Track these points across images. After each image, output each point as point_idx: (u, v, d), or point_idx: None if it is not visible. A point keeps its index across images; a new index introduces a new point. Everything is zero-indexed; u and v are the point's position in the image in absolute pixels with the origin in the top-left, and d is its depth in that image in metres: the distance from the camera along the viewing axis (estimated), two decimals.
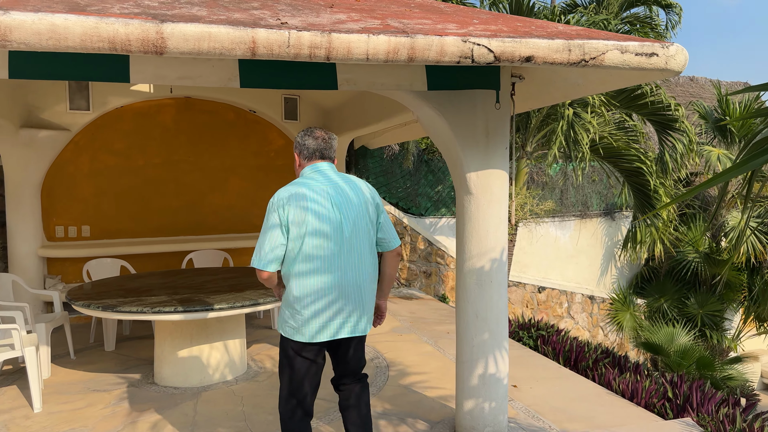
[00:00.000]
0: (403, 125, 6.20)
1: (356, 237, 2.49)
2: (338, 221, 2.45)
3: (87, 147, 6.54)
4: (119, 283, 4.82)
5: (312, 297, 2.42)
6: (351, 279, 2.47)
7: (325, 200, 2.46)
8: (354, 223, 2.49)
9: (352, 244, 2.47)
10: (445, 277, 9.30)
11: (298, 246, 2.41)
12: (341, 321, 2.48)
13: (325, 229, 2.42)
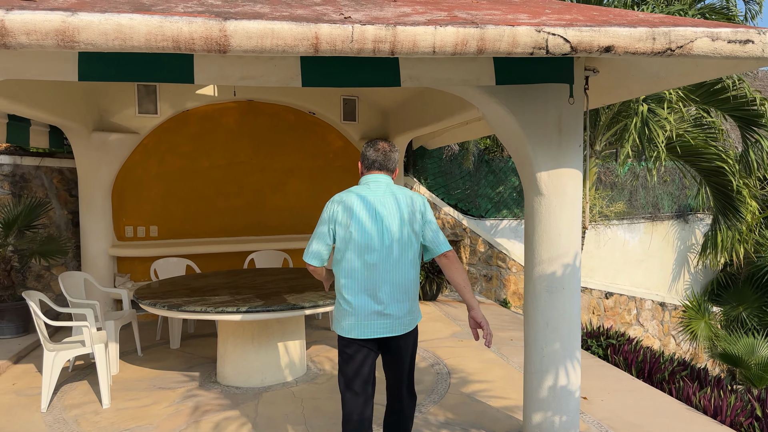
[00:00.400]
0: (465, 124, 6.03)
1: (397, 246, 2.65)
2: (380, 230, 2.64)
3: (155, 150, 6.74)
4: (184, 282, 4.91)
5: (353, 296, 2.63)
6: (389, 284, 2.63)
7: (370, 209, 2.66)
8: (395, 233, 2.65)
9: (392, 253, 2.64)
10: (507, 281, 9.02)
11: (343, 248, 2.65)
12: (384, 322, 2.64)
13: (367, 236, 2.62)
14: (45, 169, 6.40)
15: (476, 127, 6.06)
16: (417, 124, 6.24)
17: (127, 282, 6.51)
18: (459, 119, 5.17)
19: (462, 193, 9.01)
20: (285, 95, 6.91)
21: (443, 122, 5.45)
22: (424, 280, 7.73)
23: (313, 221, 7.53)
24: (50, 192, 6.41)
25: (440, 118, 5.35)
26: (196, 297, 4.23)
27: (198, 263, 6.78)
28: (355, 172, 7.72)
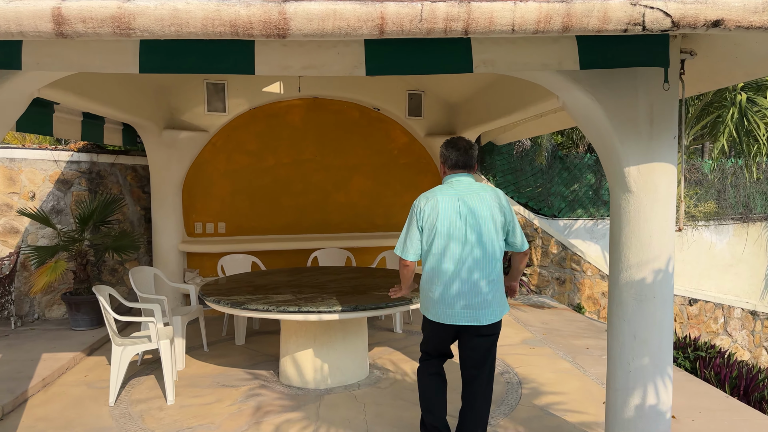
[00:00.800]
0: (538, 117, 5.68)
1: (478, 242, 2.82)
2: (462, 227, 2.83)
3: (223, 147, 6.81)
4: (248, 279, 4.87)
5: (439, 287, 2.87)
6: (470, 277, 2.82)
7: (455, 208, 2.85)
8: (476, 229, 2.83)
9: (473, 248, 2.82)
10: (581, 285, 8.53)
11: (429, 244, 2.89)
12: (460, 311, 2.84)
13: (449, 233, 2.83)
14: (119, 167, 6.60)
15: (551, 120, 5.70)
16: (486, 118, 5.95)
17: (196, 277, 6.61)
18: (533, 111, 4.85)
19: (533, 191, 8.59)
20: (349, 91, 6.79)
21: (515, 115, 5.14)
22: None
23: (377, 219, 7.38)
24: (124, 188, 6.61)
25: (512, 110, 5.05)
26: (259, 295, 4.16)
27: (263, 260, 6.78)
28: (420, 168, 7.51)
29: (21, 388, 4.14)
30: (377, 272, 5.20)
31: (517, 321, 6.68)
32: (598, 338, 6.04)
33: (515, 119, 5.52)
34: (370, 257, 7.28)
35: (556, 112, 5.21)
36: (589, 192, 8.88)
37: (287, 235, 7.04)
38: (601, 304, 8.66)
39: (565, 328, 6.47)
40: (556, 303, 7.89)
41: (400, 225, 7.48)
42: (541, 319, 6.85)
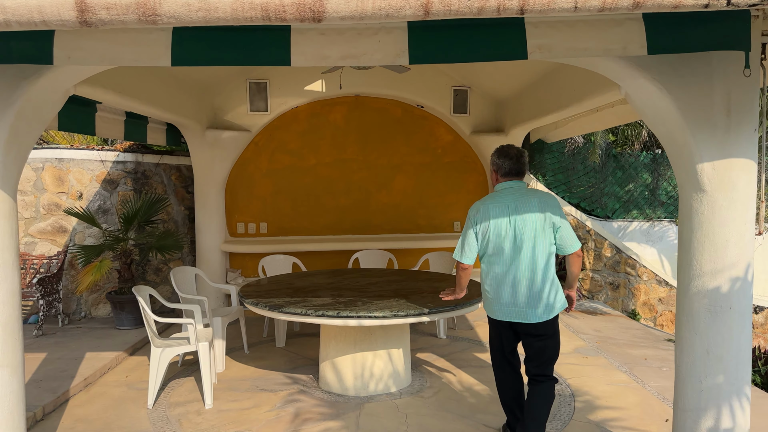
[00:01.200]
0: (594, 112, 5.35)
1: (528, 244, 2.98)
2: (511, 231, 3.01)
3: (265, 147, 6.75)
4: (289, 281, 4.76)
5: (492, 287, 3.11)
6: (521, 277, 3.00)
7: (503, 214, 3.04)
8: (526, 233, 2.99)
9: (524, 250, 2.98)
10: (636, 290, 8.07)
11: (483, 248, 3.12)
12: (509, 309, 3.06)
13: (501, 237, 3.03)
14: (164, 167, 6.63)
15: (607, 115, 5.35)
16: (536, 114, 5.67)
17: (237, 277, 6.57)
18: (588, 106, 4.54)
19: (585, 191, 8.20)
20: (392, 88, 6.62)
21: (568, 110, 4.84)
22: None
23: (420, 220, 7.18)
24: (168, 188, 6.64)
25: (565, 105, 4.75)
26: (298, 298, 4.03)
27: (304, 261, 6.68)
28: (465, 168, 7.26)
29: (63, 388, 4.15)
30: (420, 275, 4.99)
31: (569, 328, 6.34)
32: (656, 348, 5.65)
33: (568, 114, 5.21)
34: (412, 259, 7.08)
35: (613, 106, 4.87)
36: (645, 192, 8.41)
37: (328, 236, 6.93)
38: (658, 310, 8.18)
39: (620, 337, 6.09)
40: (609, 309, 7.48)
41: (444, 226, 7.25)
42: (594, 327, 6.49)
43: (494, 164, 3.18)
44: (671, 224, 8.50)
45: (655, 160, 8.42)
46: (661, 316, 8.20)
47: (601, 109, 5.15)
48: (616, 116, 5.31)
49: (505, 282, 3.02)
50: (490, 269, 3.08)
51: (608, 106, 4.96)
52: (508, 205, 3.03)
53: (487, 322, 3.35)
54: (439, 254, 6.20)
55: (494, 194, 3.13)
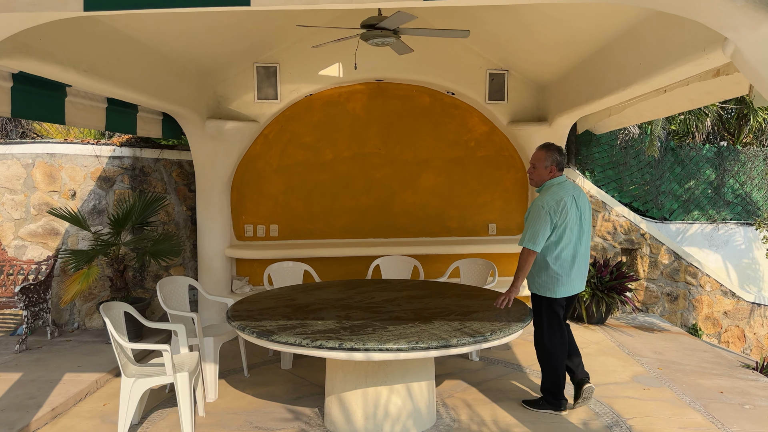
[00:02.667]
0: (659, 93, 4.45)
1: (586, 232, 3.70)
2: (578, 218, 3.65)
3: (276, 140, 6.06)
4: (291, 295, 4.04)
5: (564, 268, 3.63)
6: (585, 255, 3.73)
7: (573, 205, 3.63)
8: (584, 222, 3.69)
9: (583, 237, 3.68)
10: (698, 303, 7.07)
11: (558, 236, 3.59)
12: (581, 282, 3.75)
13: (573, 223, 3.62)
14: (164, 162, 6.01)
15: (676, 97, 4.44)
16: (587, 98, 4.80)
17: (245, 286, 5.91)
18: (654, 84, 3.67)
19: (639, 189, 7.23)
20: (418, 72, 5.82)
21: (629, 91, 3.97)
22: (590, 299, 6.18)
23: (450, 222, 6.36)
24: (169, 186, 6.01)
25: (625, 84, 3.88)
26: (296, 320, 3.30)
27: (318, 268, 5.96)
28: (500, 162, 6.41)
29: (23, 421, 3.52)
30: (447, 289, 4.20)
31: (623, 348, 5.44)
32: (732, 377, 4.71)
33: (628, 96, 4.33)
34: (441, 266, 6.28)
35: (688, 83, 3.97)
36: (707, 190, 7.39)
37: (346, 240, 6.19)
38: (723, 325, 7.15)
39: (686, 360, 5.16)
40: (668, 324, 6.52)
41: (477, 229, 6.42)
42: (653, 347, 5.57)
43: (555, 161, 3.68)
44: (738, 227, 7.46)
45: (720, 153, 7.39)
46: (726, 332, 7.18)
47: (671, 89, 4.24)
48: (687, 98, 4.39)
49: (576, 262, 3.64)
50: (561, 253, 3.60)
51: (681, 84, 4.07)
52: (573, 196, 3.64)
53: (546, 311, 3.74)
54: (471, 261, 5.38)
55: (560, 188, 3.65)
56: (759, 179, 7.38)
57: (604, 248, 6.94)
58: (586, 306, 6.26)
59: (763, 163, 7.40)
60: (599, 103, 4.61)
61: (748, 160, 7.40)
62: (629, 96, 4.24)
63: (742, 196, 7.40)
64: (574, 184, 3.72)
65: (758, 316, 7.15)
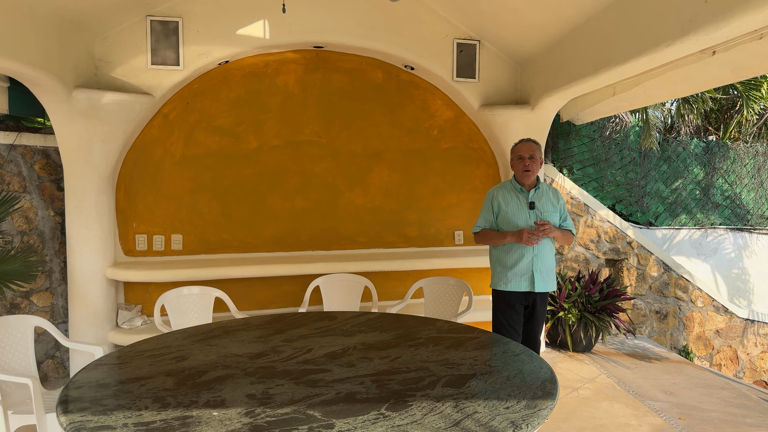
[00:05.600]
0: (673, 67, 3.35)
1: None
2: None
3: (180, 122, 4.57)
4: (181, 350, 2.61)
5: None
6: None
7: None
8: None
9: None
10: (689, 321, 6.14)
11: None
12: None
13: None
14: (23, 150, 4.38)
15: (697, 72, 3.34)
16: (577, 75, 3.70)
17: (135, 318, 4.38)
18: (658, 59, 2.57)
19: (623, 189, 6.22)
20: (369, 38, 4.52)
21: (658, 55, 2.83)
22: (577, 323, 5.06)
23: (409, 229, 5.08)
24: (30, 183, 4.39)
25: (651, 46, 2.73)
26: (174, 411, 1.89)
27: (237, 293, 4.53)
28: (469, 156, 5.22)
29: None
30: (417, 328, 2.89)
31: (626, 388, 4.34)
32: (765, 417, 3.69)
33: (651, 65, 3.20)
34: (399, 286, 4.99)
35: (713, 52, 2.88)
36: (695, 191, 6.50)
37: (276, 253, 4.78)
38: (714, 346, 6.26)
39: (706, 403, 4.11)
40: (662, 350, 5.52)
41: (441, 237, 5.17)
42: (659, 383, 4.50)
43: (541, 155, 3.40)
44: (728, 232, 6.60)
45: (709, 149, 6.52)
46: (718, 353, 6.28)
47: (678, 65, 3.15)
48: (710, 75, 3.29)
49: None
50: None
51: (705, 53, 2.98)
52: None
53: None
54: (440, 281, 4.13)
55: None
56: (748, 179, 6.57)
57: (587, 259, 5.87)
58: (573, 331, 5.13)
59: (753, 161, 6.60)
60: (585, 84, 3.50)
61: (738, 157, 6.58)
62: (655, 63, 3.09)
63: (732, 198, 6.57)
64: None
65: (751, 334, 6.31)
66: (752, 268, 6.60)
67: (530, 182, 3.36)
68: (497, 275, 3.43)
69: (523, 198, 3.37)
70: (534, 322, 3.47)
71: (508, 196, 3.40)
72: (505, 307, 3.41)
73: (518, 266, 3.32)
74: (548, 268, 3.39)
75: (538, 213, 3.34)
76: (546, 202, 3.39)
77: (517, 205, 3.36)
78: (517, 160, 3.35)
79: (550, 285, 3.41)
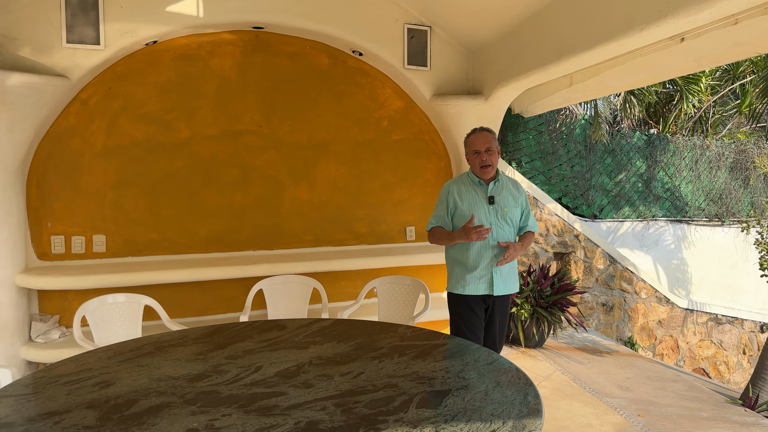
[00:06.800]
0: (637, 56, 3.25)
1: None
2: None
3: (102, 108, 4.06)
4: (104, 374, 2.22)
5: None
6: None
7: None
8: None
9: None
10: (633, 312, 6.21)
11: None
12: None
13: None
14: None
15: (660, 60, 3.26)
16: (538, 63, 3.56)
17: (52, 330, 3.87)
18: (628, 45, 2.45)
19: (569, 183, 6.21)
20: (314, 19, 4.19)
21: (596, 51, 2.73)
22: (529, 318, 4.97)
23: (359, 226, 4.80)
24: None
25: (593, 43, 2.62)
26: None
27: (169, 301, 4.10)
28: (421, 148, 5.00)
29: None
30: (377, 335, 2.62)
31: (582, 384, 4.26)
32: (729, 420, 3.70)
33: (604, 57, 3.09)
34: (350, 286, 4.71)
35: (682, 39, 2.79)
36: (638, 184, 6.58)
37: (213, 254, 4.37)
38: (657, 336, 6.38)
39: (661, 398, 4.10)
40: (611, 343, 5.53)
41: (392, 234, 4.93)
42: (614, 378, 4.47)
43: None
44: (668, 224, 6.75)
45: (651, 142, 6.62)
46: (660, 343, 6.41)
47: (652, 50, 3.05)
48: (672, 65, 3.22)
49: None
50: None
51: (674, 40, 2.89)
52: None
53: None
54: (394, 281, 3.88)
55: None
56: (687, 172, 6.74)
57: (536, 253, 5.81)
58: (525, 327, 5.03)
59: (691, 153, 6.77)
60: (571, 63, 3.32)
61: (677, 150, 6.72)
62: (625, 49, 2.96)
63: (672, 191, 6.71)
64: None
65: (691, 323, 6.47)
66: (690, 258, 6.79)
67: (490, 176, 3.13)
68: (454, 277, 3.17)
69: (481, 192, 3.10)
70: (492, 328, 3.22)
71: (465, 191, 3.12)
72: (464, 312, 3.15)
73: (477, 267, 3.06)
74: (509, 268, 3.17)
75: (498, 209, 3.08)
76: (507, 195, 3.13)
77: (475, 200, 3.08)
78: (473, 155, 3.08)
79: (512, 287, 3.17)
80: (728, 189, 7.00)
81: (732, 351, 6.79)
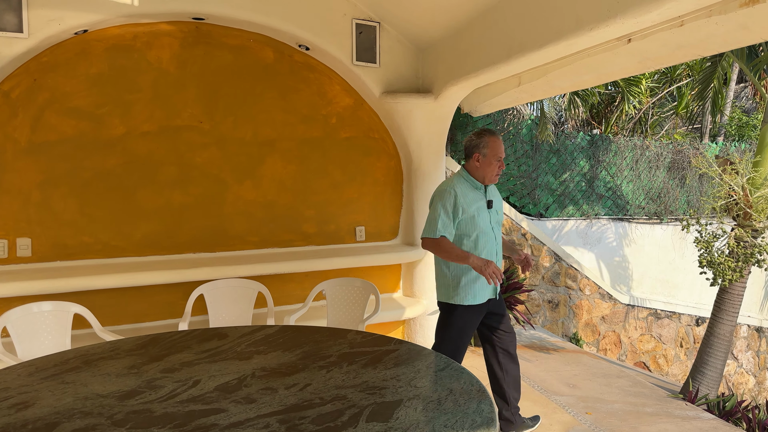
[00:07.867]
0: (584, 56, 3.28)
1: None
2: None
3: (26, 101, 3.75)
4: (22, 393, 2.02)
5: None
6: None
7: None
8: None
9: None
10: (578, 309, 6.34)
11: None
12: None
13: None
14: None
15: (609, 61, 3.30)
16: (487, 62, 3.54)
17: None
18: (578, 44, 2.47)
19: (516, 182, 6.26)
20: (257, 11, 4.01)
21: (545, 51, 2.75)
22: None
23: (306, 226, 4.65)
24: None
25: (542, 43, 2.63)
26: None
27: (101, 308, 3.84)
28: (370, 147, 4.91)
29: None
30: (324, 342, 2.51)
31: (530, 383, 4.29)
32: (671, 415, 3.80)
33: (553, 57, 3.10)
34: (297, 289, 4.56)
35: (629, 40, 2.83)
36: (581, 183, 6.73)
37: (150, 258, 4.13)
38: (600, 332, 6.54)
39: (607, 393, 4.17)
40: (558, 339, 5.62)
41: (342, 234, 4.81)
42: (561, 376, 4.52)
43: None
44: (610, 222, 6.93)
45: (593, 142, 6.78)
46: (604, 338, 6.58)
47: (614, 47, 3.08)
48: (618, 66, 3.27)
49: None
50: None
51: (621, 41, 2.92)
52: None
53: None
54: (343, 283, 3.77)
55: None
56: (628, 171, 6.94)
57: None
58: None
59: (632, 153, 6.98)
60: (520, 63, 3.31)
61: (619, 150, 6.91)
62: (574, 49, 2.96)
63: (614, 190, 6.90)
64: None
65: (632, 319, 6.67)
66: (631, 255, 7.00)
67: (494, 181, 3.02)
68: (462, 289, 2.92)
69: (482, 196, 2.95)
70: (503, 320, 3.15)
71: (469, 195, 2.90)
72: (468, 324, 2.96)
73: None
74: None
75: (493, 213, 3.01)
76: (497, 199, 3.09)
77: (479, 206, 2.90)
78: (495, 161, 2.90)
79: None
80: (666, 188, 7.28)
81: (670, 344, 7.05)
